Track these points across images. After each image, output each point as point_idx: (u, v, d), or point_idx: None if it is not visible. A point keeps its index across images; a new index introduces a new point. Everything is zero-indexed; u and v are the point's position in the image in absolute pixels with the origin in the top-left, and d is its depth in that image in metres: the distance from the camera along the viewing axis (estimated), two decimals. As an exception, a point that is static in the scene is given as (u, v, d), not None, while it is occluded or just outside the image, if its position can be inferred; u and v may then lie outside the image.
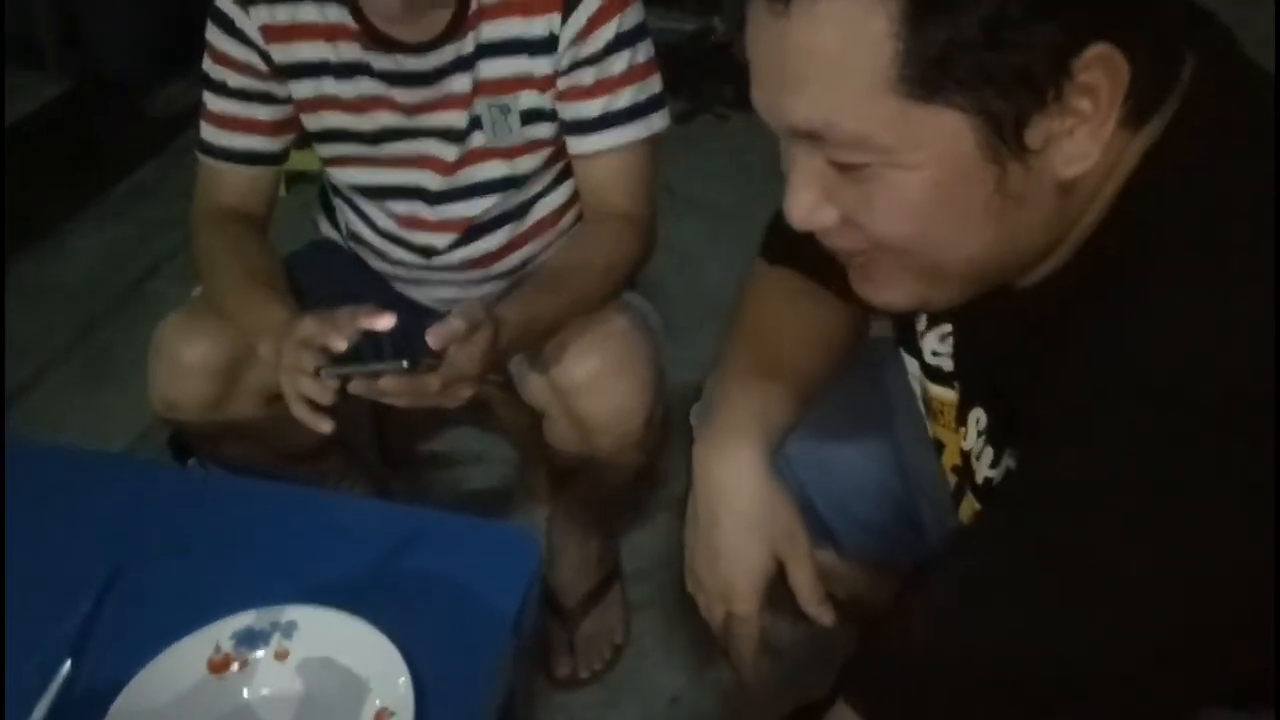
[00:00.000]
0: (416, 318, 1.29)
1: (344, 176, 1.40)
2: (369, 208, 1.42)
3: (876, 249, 0.72)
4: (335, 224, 1.51)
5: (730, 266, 1.27)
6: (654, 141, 1.32)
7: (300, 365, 1.10)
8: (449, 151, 1.33)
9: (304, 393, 1.11)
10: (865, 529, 1.10)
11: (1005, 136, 0.64)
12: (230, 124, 1.34)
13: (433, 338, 1.06)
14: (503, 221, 1.40)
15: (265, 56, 1.30)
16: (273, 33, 1.28)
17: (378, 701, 0.88)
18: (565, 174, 1.40)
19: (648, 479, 1.66)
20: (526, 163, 1.35)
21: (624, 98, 1.28)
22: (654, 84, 1.30)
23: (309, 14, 1.28)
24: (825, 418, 1.03)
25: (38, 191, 2.61)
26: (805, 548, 0.92)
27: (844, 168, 0.68)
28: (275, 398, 1.36)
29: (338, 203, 1.48)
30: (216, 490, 1.19)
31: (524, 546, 1.07)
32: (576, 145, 1.31)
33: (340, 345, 1.07)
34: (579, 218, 1.43)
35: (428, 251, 1.41)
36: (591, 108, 1.28)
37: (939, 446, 0.96)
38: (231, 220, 1.36)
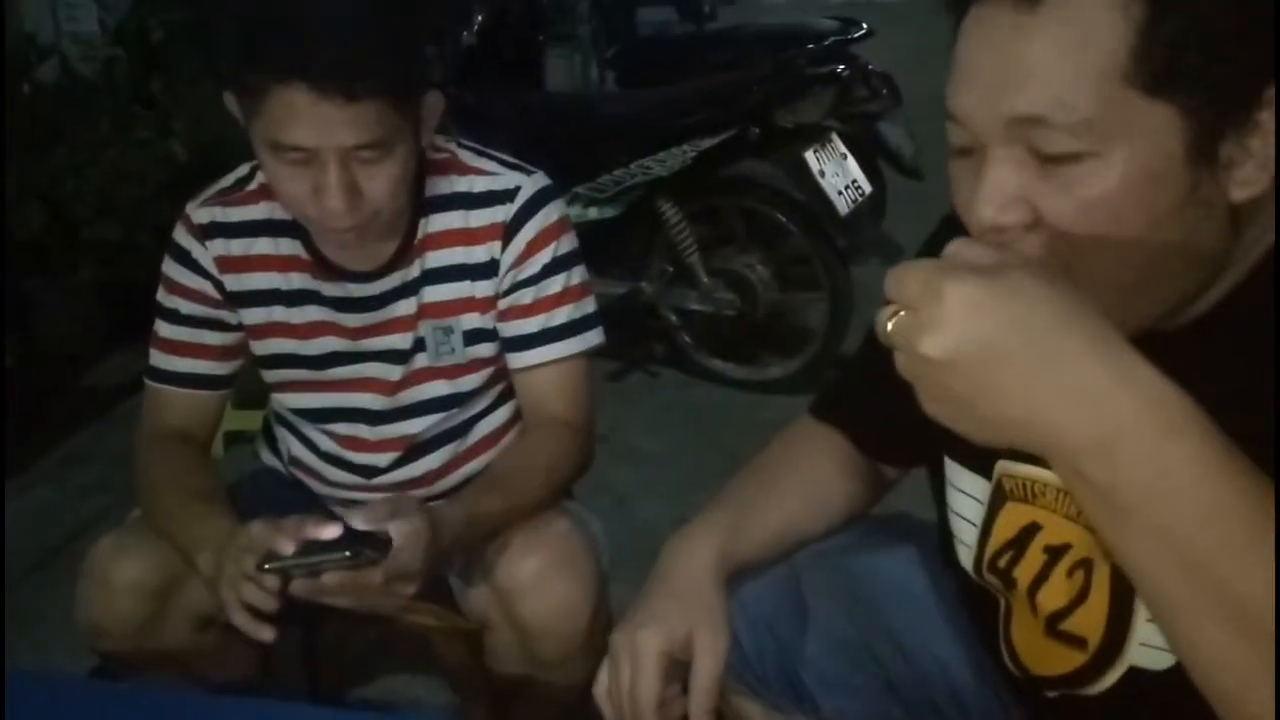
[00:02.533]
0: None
1: (288, 401, 1.44)
2: (311, 431, 1.45)
3: (1052, 255, 0.74)
4: (276, 452, 1.53)
5: (662, 506, 1.35)
6: (589, 356, 1.39)
7: (244, 570, 1.09)
8: (393, 372, 1.38)
9: (246, 598, 1.09)
10: (851, 693, 1.08)
11: (1205, 144, 0.69)
12: (179, 349, 1.39)
13: (361, 517, 1.08)
14: (444, 440, 1.43)
15: (219, 285, 1.37)
16: (227, 263, 1.36)
17: None
18: (506, 395, 1.45)
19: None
20: (469, 381, 1.40)
21: (560, 315, 1.36)
22: (588, 304, 1.39)
23: (263, 246, 1.36)
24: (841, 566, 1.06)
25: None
26: (721, 648, 0.93)
27: (1050, 160, 0.72)
28: (207, 623, 1.34)
29: (279, 431, 1.51)
30: (163, 702, 1.13)
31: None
32: (517, 360, 1.37)
33: (287, 548, 1.07)
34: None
35: (369, 471, 1.43)
36: (530, 324, 1.35)
37: (1033, 530, 0.93)
38: (175, 441, 1.38)
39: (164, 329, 1.40)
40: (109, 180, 3.23)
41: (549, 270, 1.35)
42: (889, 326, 0.66)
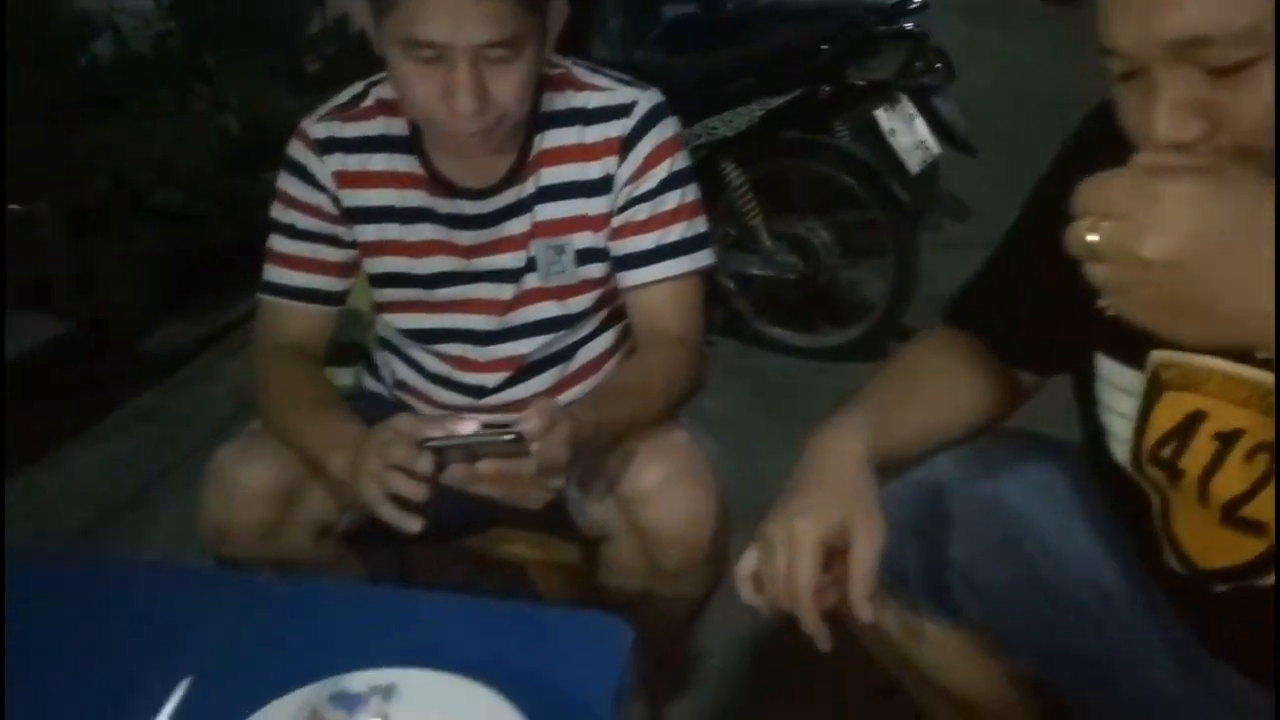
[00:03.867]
0: None
1: (398, 322, 1.45)
2: (418, 353, 1.46)
3: (1234, 162, 0.73)
4: (378, 377, 1.54)
5: (729, 466, 1.41)
6: (701, 275, 1.40)
7: (392, 460, 1.09)
8: (503, 292, 1.39)
9: (393, 488, 1.10)
10: (998, 594, 1.08)
11: None
12: (295, 263, 1.40)
13: (525, 419, 1.08)
14: (552, 362, 1.44)
15: (335, 200, 1.38)
16: (344, 178, 1.37)
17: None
18: (612, 320, 1.46)
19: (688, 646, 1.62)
20: (578, 303, 1.41)
21: (675, 232, 1.36)
22: (700, 223, 1.40)
23: (379, 163, 1.37)
24: (990, 470, 1.07)
25: (38, 416, 2.63)
26: (878, 535, 0.93)
27: (1223, 72, 0.73)
28: (324, 533, 1.35)
29: (383, 355, 1.52)
30: (290, 594, 1.14)
31: (614, 635, 1.03)
32: (630, 278, 1.38)
33: (435, 433, 1.08)
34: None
35: (478, 392, 1.44)
36: (645, 241, 1.36)
37: (1198, 418, 0.92)
38: (291, 354, 1.39)
39: (280, 244, 1.41)
40: (168, 150, 3.26)
41: (665, 186, 1.35)
42: (1093, 237, 0.66)
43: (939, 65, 2.83)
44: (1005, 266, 1.13)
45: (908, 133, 2.61)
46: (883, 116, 2.57)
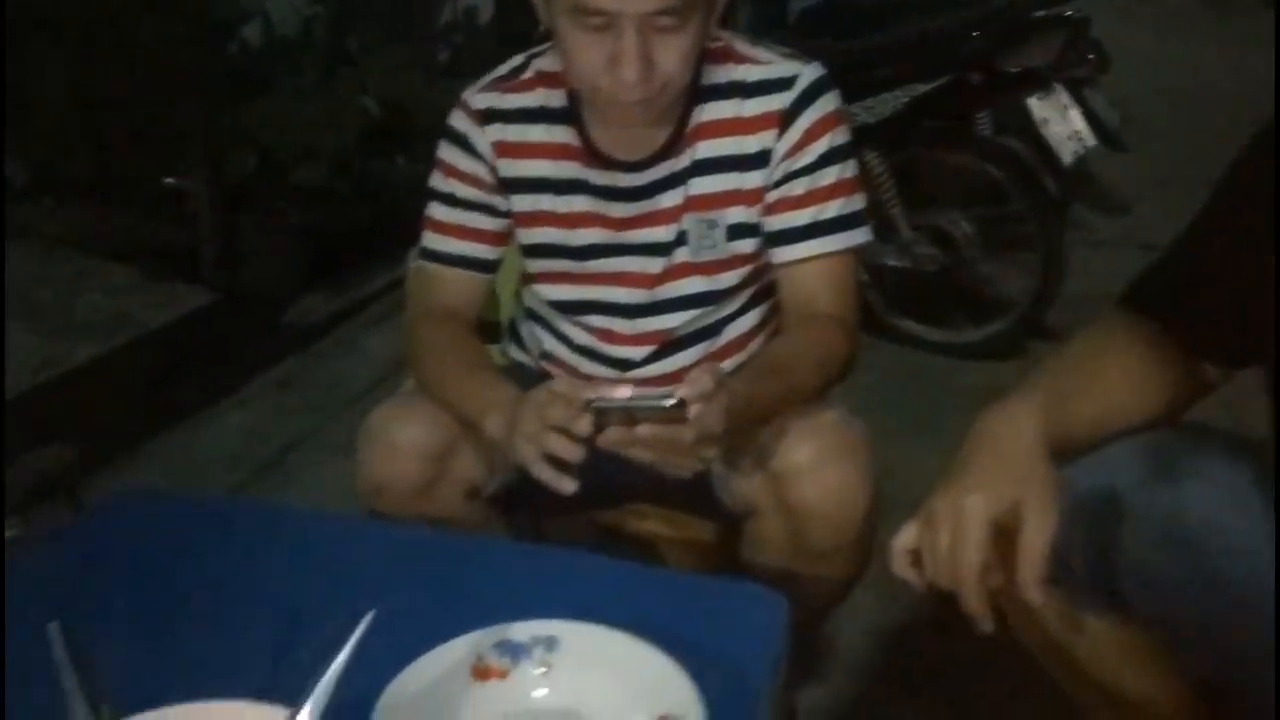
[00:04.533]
0: None
1: (547, 293, 1.46)
2: (565, 325, 1.47)
3: None
4: (524, 348, 1.56)
5: None
6: (856, 254, 1.37)
7: (552, 420, 1.10)
8: (652, 265, 1.39)
9: (549, 448, 1.11)
10: (1170, 589, 1.04)
11: None
12: (452, 231, 1.42)
13: (686, 386, 1.08)
14: (698, 338, 1.43)
15: (493, 170, 1.39)
16: (503, 148, 1.39)
17: (657, 710, 0.82)
18: (759, 298, 1.44)
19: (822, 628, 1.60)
20: (726, 279, 1.40)
21: (831, 209, 1.34)
22: (858, 201, 1.37)
23: (537, 134, 1.38)
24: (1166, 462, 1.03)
25: (181, 381, 2.75)
26: (1053, 517, 0.90)
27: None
28: (474, 494, 1.37)
29: (529, 326, 1.53)
30: (454, 546, 1.16)
31: (773, 607, 1.02)
32: (784, 254, 1.36)
33: (592, 395, 1.09)
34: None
35: (624, 365, 1.44)
36: (800, 217, 1.34)
37: None
38: (446, 318, 1.41)
39: (438, 211, 1.43)
40: (311, 129, 3.37)
41: (824, 161, 1.33)
42: None
43: (1092, 56, 2.72)
44: (1194, 251, 1.07)
45: (1061, 123, 2.52)
46: (1036, 106, 2.49)
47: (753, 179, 1.35)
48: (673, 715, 0.81)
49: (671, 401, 1.06)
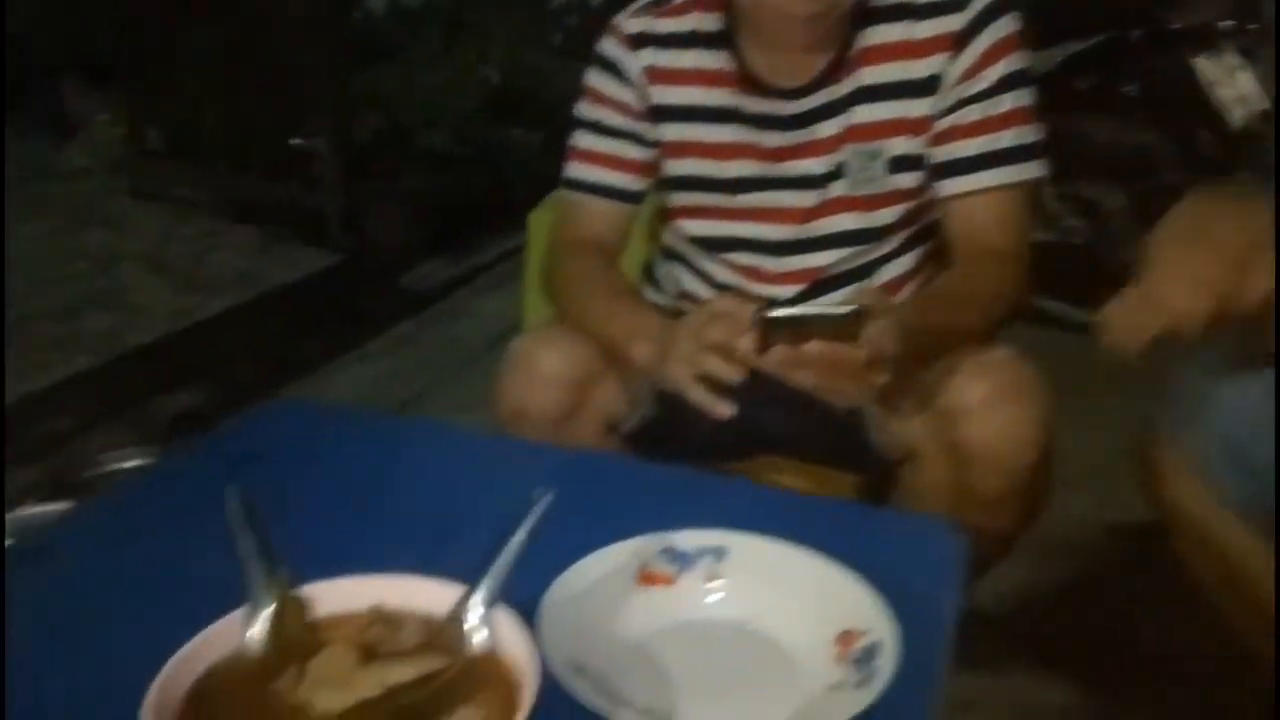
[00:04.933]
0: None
1: (690, 228, 1.41)
2: (707, 262, 1.41)
3: None
4: (660, 289, 1.51)
5: None
6: (1032, 188, 1.29)
7: (708, 338, 1.05)
8: (806, 199, 1.33)
9: (707, 369, 1.06)
10: None
11: None
12: (598, 159, 1.38)
13: (865, 294, 1.02)
14: (850, 279, 1.36)
15: (643, 96, 1.35)
16: (655, 74, 1.34)
17: (838, 625, 0.76)
18: (919, 238, 1.37)
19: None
20: (884, 215, 1.33)
21: (1006, 138, 1.26)
22: (1033, 132, 1.29)
23: (690, 59, 1.33)
24: None
25: (304, 338, 2.79)
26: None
27: None
28: (612, 429, 1.33)
29: (667, 266, 1.48)
30: (611, 464, 1.12)
31: (951, 540, 0.94)
32: (952, 186, 1.28)
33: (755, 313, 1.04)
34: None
35: (769, 306, 1.38)
36: (971, 146, 1.26)
37: None
38: (591, 248, 1.37)
39: (584, 140, 1.39)
40: (433, 96, 3.39)
41: (1000, 86, 1.25)
42: None
43: (1265, 14, 2.55)
44: None
45: (1230, 85, 2.37)
46: (1203, 66, 2.34)
47: (920, 106, 1.27)
48: (856, 631, 0.75)
49: (847, 310, 0.99)
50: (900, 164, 1.30)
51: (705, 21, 1.33)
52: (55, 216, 3.57)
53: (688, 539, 0.84)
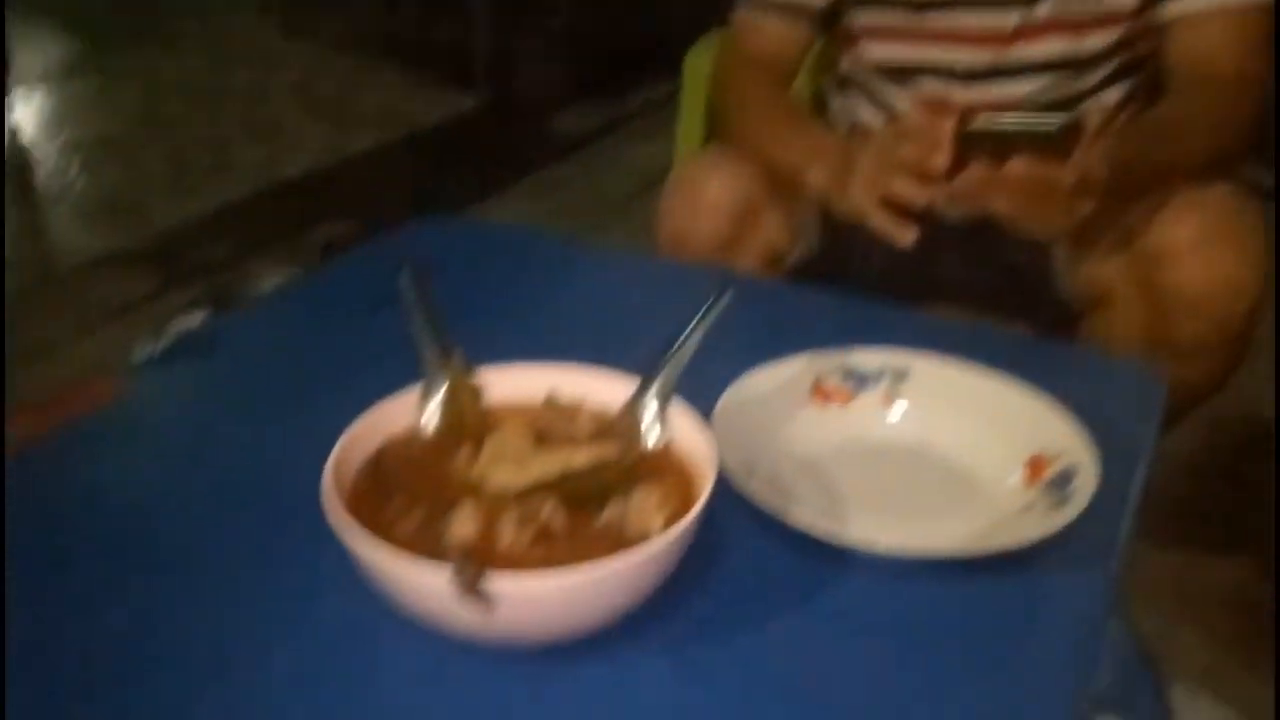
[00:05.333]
0: None
1: (871, 52, 1.31)
2: (889, 91, 1.32)
3: None
4: (830, 121, 1.43)
5: None
6: (1270, 11, 1.15)
7: (897, 158, 0.98)
8: (1006, 21, 1.21)
9: (894, 192, 0.99)
10: None
11: None
12: None
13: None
14: (1049, 111, 1.25)
15: None
16: (837, -120, 1.24)
17: (1028, 449, 0.71)
18: (1128, 70, 1.24)
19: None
20: (1094, 41, 1.20)
21: None
22: None
23: None
24: None
25: (450, 179, 2.79)
26: None
27: None
28: (773, 262, 1.28)
29: (841, 97, 1.40)
30: (776, 289, 1.08)
31: (1148, 380, 0.87)
32: (1179, 6, 1.15)
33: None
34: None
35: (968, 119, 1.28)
36: None
37: None
38: (765, 69, 1.30)
39: None
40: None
41: None
42: None
43: None
44: None
45: None
46: None
47: None
48: (1048, 455, 0.70)
49: (1060, 122, 0.91)
50: None
51: None
52: (207, 52, 3.64)
53: (867, 357, 0.80)
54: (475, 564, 0.51)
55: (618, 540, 0.57)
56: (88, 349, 2.02)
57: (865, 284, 1.19)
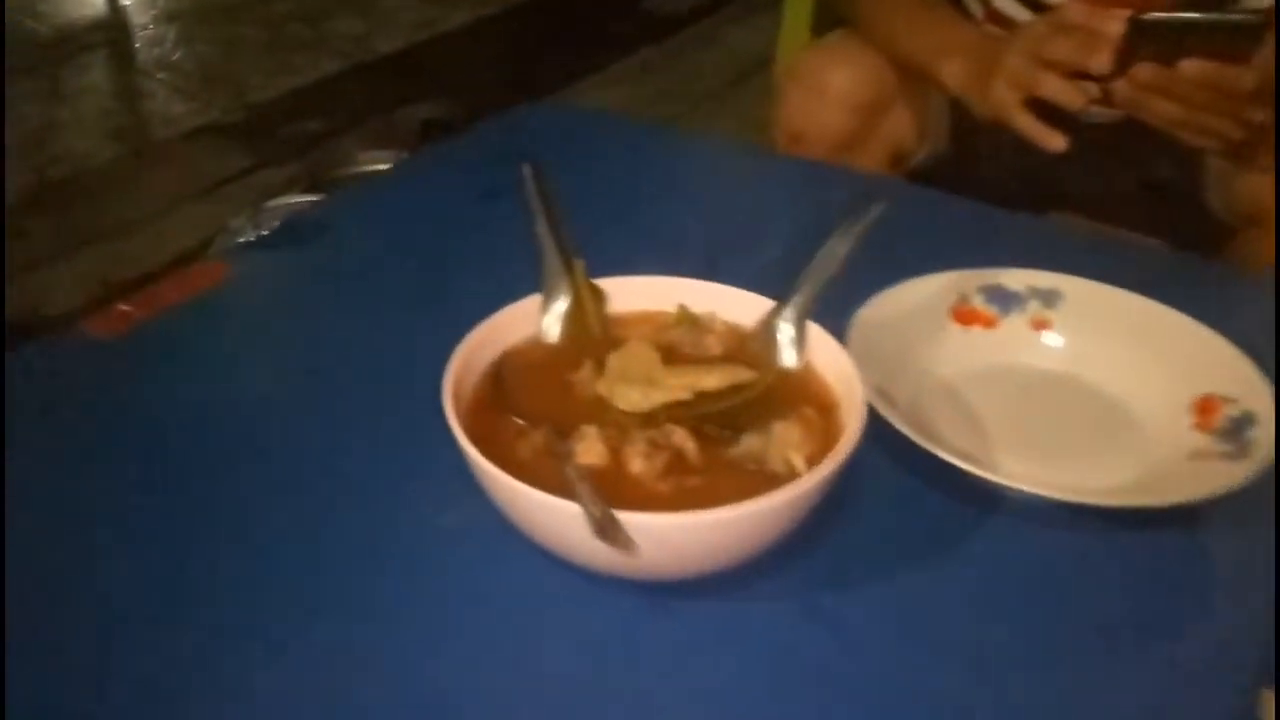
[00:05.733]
0: None
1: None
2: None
3: None
4: (965, 9, 1.32)
5: None
6: None
7: (1050, 53, 0.89)
8: None
9: (1044, 91, 0.90)
10: None
11: None
12: None
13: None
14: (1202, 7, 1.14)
15: None
16: None
17: (1198, 388, 0.65)
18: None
19: None
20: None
21: None
22: None
23: None
24: None
25: (545, 60, 2.71)
26: None
27: None
28: (898, 161, 1.20)
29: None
30: (919, 194, 1.02)
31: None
32: None
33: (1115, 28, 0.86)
34: None
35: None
36: None
37: None
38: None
39: None
40: None
41: None
42: None
43: None
44: None
45: None
46: None
47: None
48: (1220, 396, 0.64)
49: (1247, 17, 0.81)
50: None
51: None
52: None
53: (1015, 277, 0.73)
54: (604, 504, 0.47)
55: (757, 475, 0.53)
56: (178, 224, 2.02)
57: (993, 192, 1.11)
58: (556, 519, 0.49)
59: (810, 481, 0.49)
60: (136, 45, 2.77)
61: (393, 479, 0.62)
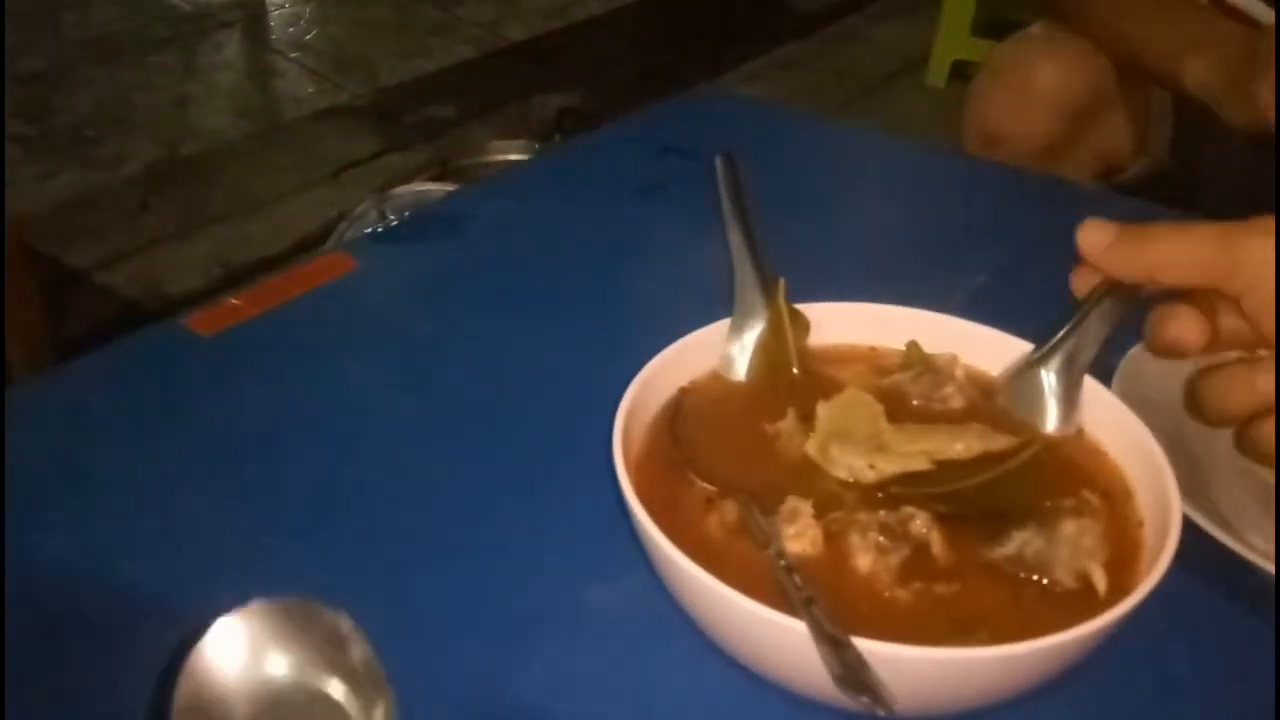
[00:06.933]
0: None
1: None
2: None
3: None
4: None
5: None
6: None
7: None
8: None
9: None
10: None
11: None
12: None
13: None
14: None
15: None
16: None
17: None
18: None
19: None
20: None
21: None
22: None
23: None
24: None
25: (681, 53, 2.60)
26: None
27: None
28: (1106, 175, 1.05)
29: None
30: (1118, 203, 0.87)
31: None
32: None
33: None
34: None
35: None
36: None
37: None
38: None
39: None
40: None
41: None
42: None
43: None
44: None
45: None
46: None
47: None
48: None
49: None
50: None
51: None
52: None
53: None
54: (848, 642, 0.34)
55: (1029, 587, 0.39)
56: (302, 206, 1.96)
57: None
58: (776, 637, 0.36)
59: (1125, 608, 0.36)
60: (271, 24, 2.74)
61: (539, 529, 0.50)
